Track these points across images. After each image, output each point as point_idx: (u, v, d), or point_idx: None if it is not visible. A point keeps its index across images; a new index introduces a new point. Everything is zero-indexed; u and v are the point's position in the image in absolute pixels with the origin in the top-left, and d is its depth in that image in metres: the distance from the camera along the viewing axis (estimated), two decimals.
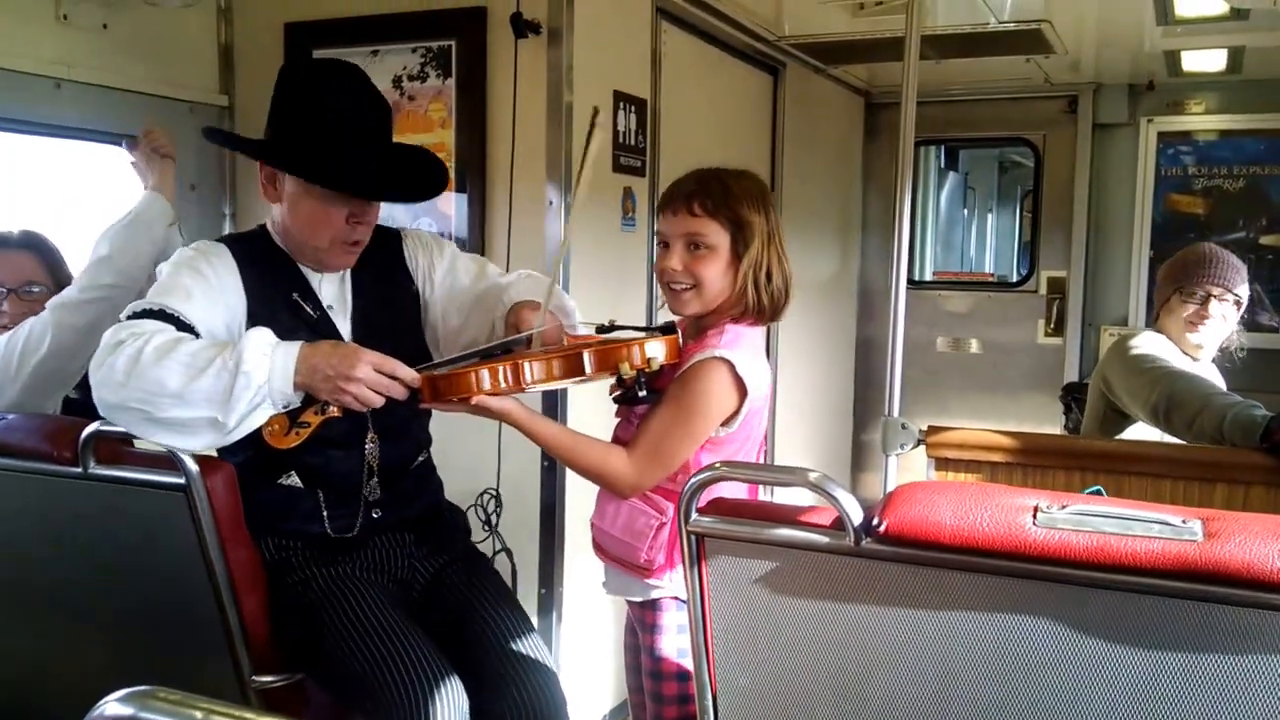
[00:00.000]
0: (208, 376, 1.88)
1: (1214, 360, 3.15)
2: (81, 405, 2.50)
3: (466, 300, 2.37)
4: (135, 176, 2.79)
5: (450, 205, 3.18)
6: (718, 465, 1.59)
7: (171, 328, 1.98)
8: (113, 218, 2.60)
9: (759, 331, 2.14)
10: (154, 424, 1.92)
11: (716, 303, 2.09)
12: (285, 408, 1.95)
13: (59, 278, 2.66)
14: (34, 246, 2.65)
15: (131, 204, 2.64)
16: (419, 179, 2.29)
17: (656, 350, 2.00)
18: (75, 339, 2.43)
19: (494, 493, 3.04)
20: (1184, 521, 1.27)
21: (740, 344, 2.05)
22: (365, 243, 2.24)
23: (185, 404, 1.88)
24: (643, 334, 2.07)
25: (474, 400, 1.91)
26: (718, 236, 2.05)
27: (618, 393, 2.11)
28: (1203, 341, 3.05)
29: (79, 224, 3.02)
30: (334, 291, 2.28)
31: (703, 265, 2.06)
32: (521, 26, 3.02)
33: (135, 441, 2.07)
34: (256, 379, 1.89)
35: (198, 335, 2.02)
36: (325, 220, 2.16)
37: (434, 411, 2.28)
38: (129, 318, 2.00)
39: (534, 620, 3.03)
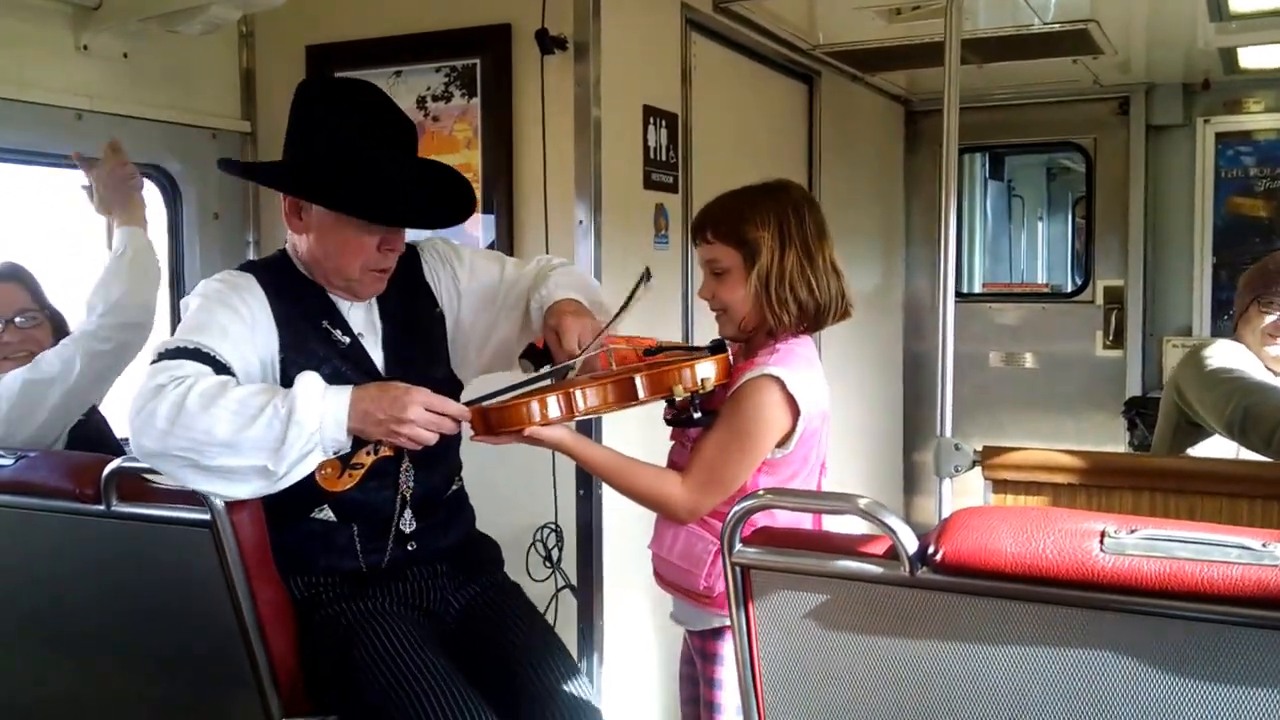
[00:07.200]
0: (259, 425, 1.87)
1: None
2: (84, 429, 2.56)
3: (495, 301, 2.36)
4: (88, 200, 2.74)
5: (478, 226, 3.11)
6: (762, 492, 1.56)
7: (209, 369, 1.95)
8: (104, 261, 2.64)
9: (810, 346, 2.11)
10: (200, 471, 1.90)
11: (748, 323, 2.10)
12: (336, 453, 1.94)
13: (46, 306, 2.67)
14: (17, 277, 2.66)
15: (118, 246, 2.64)
16: (450, 202, 2.23)
17: (708, 371, 1.99)
18: (103, 367, 2.54)
19: (554, 527, 2.96)
20: (1264, 545, 1.19)
21: (792, 361, 2.02)
22: (394, 268, 2.21)
23: (235, 452, 1.88)
24: (693, 354, 2.07)
25: (527, 431, 1.93)
26: (730, 259, 2.08)
27: (671, 415, 2.10)
28: None
29: (50, 254, 3.07)
30: (362, 318, 2.24)
31: (724, 289, 2.10)
32: (548, 42, 2.95)
33: (156, 477, 2.03)
34: (309, 427, 1.88)
35: (234, 374, 1.99)
36: (359, 248, 2.12)
37: (464, 439, 2.22)
38: (162, 355, 1.96)
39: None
